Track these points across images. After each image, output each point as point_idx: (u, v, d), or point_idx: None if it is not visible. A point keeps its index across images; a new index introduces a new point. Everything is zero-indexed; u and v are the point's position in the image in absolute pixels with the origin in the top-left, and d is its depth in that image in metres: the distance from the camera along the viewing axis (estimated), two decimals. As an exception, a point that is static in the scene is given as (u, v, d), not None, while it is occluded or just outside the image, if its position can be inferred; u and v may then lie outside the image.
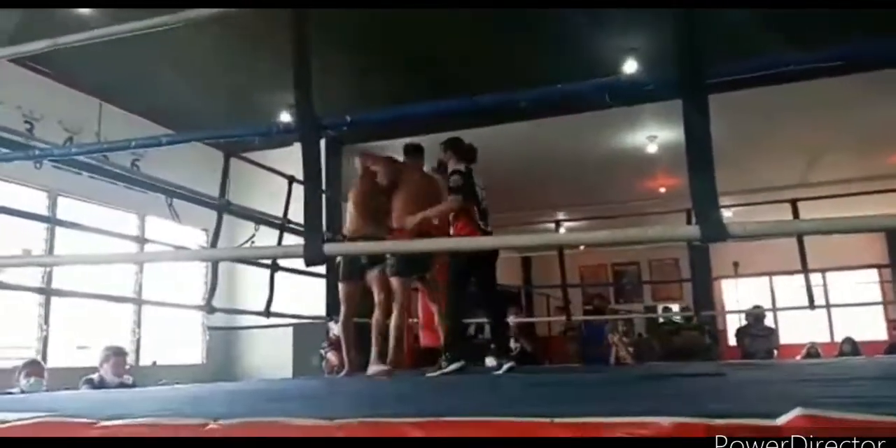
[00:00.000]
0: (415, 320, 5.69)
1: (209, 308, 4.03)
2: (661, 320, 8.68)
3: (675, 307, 10.79)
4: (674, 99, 1.51)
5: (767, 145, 7.59)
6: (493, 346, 4.43)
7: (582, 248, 11.68)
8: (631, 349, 7.07)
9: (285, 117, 6.13)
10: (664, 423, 1.16)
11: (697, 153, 1.48)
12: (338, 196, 6.80)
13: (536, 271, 12.90)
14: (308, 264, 1.45)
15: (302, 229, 1.51)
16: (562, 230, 7.86)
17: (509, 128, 6.93)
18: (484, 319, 8.61)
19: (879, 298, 10.76)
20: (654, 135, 7.21)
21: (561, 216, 10.00)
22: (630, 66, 5.32)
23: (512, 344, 7.17)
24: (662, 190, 9.12)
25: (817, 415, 1.10)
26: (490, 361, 7.53)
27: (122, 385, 4.47)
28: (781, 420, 1.11)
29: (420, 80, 5.47)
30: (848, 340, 8.04)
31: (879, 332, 10.96)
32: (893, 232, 10.34)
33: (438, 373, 3.87)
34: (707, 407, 1.42)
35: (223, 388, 3.36)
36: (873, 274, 10.84)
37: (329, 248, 1.45)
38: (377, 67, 5.61)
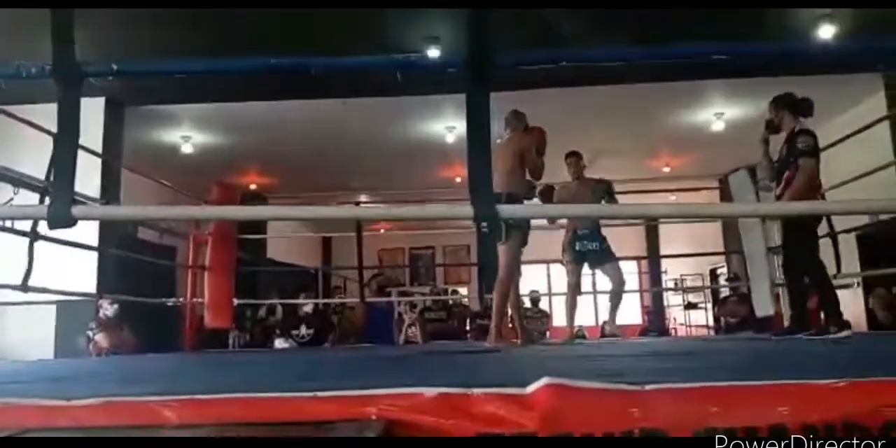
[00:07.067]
0: (200, 300, 5.38)
1: (-54, 280, 3.46)
2: (451, 302, 9.02)
3: (464, 290, 11.35)
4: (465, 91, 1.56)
5: (558, 142, 8.16)
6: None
7: (382, 231, 11.84)
8: (416, 329, 7.37)
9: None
10: (426, 393, 1.20)
11: (477, 139, 1.55)
12: (118, 161, 6.19)
13: (337, 253, 12.87)
14: (52, 227, 1.28)
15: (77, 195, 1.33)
16: (360, 212, 7.90)
17: (314, 105, 6.79)
18: (276, 301, 8.49)
19: (637, 287, 12.21)
20: (453, 125, 7.46)
21: (363, 199, 10.07)
22: (432, 55, 5.42)
23: (304, 330, 7.09)
24: (458, 180, 9.48)
25: (561, 384, 1.20)
26: (280, 343, 7.37)
27: None
28: (530, 389, 1.20)
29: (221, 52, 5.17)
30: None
31: (636, 317, 12.45)
32: (651, 229, 11.73)
33: (841, 335, 3.56)
34: (472, 378, 1.49)
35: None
36: (633, 265, 12.27)
37: (78, 210, 1.29)
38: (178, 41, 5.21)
